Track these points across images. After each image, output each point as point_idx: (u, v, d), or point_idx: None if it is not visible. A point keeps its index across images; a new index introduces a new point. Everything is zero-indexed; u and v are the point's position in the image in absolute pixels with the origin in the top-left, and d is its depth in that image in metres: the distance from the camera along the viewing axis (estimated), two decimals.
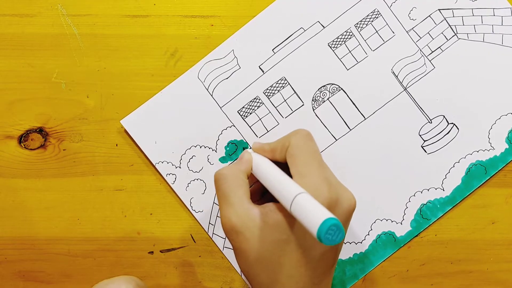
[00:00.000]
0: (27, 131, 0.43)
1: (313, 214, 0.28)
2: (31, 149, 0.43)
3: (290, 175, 0.34)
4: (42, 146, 0.43)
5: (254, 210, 0.33)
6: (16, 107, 0.43)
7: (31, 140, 0.43)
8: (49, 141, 0.43)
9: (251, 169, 0.37)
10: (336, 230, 0.27)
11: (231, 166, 0.36)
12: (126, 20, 0.43)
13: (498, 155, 0.42)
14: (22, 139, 0.43)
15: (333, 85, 0.42)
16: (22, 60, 0.43)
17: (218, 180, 0.35)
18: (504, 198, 0.43)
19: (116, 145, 0.43)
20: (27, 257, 0.43)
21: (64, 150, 0.43)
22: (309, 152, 0.35)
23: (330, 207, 0.32)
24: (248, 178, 0.36)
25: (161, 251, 0.43)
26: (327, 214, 0.28)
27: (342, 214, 0.33)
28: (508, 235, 0.43)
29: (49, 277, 0.43)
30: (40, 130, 0.43)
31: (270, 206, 0.33)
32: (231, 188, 0.34)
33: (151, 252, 0.43)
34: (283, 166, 0.36)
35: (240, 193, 0.34)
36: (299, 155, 0.34)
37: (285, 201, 0.31)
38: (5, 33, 0.43)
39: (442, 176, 0.42)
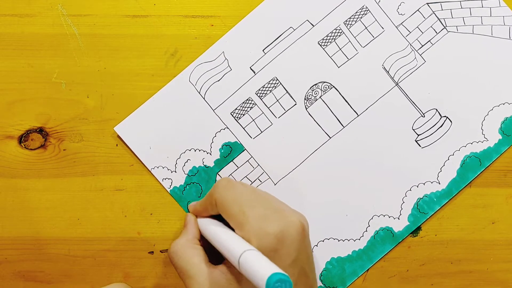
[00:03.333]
0: (27, 131, 0.43)
1: (257, 273, 0.29)
2: (31, 149, 0.43)
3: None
4: (42, 146, 0.43)
5: (214, 273, 0.34)
6: (16, 107, 0.43)
7: (31, 140, 0.43)
8: (49, 141, 0.43)
9: (199, 232, 0.38)
10: (282, 283, 0.28)
11: (180, 239, 0.38)
12: (126, 20, 0.43)
13: (492, 146, 0.42)
14: (22, 139, 0.43)
15: (325, 83, 0.42)
16: (22, 60, 0.43)
17: (172, 259, 0.37)
18: (504, 198, 0.43)
19: (116, 145, 0.43)
20: (27, 257, 0.43)
21: (64, 150, 0.43)
22: (235, 201, 0.35)
23: (280, 241, 0.33)
24: (200, 240, 0.38)
25: (161, 251, 0.43)
26: (269, 271, 0.28)
27: (293, 241, 0.34)
28: (508, 235, 0.43)
29: (49, 277, 0.43)
30: (40, 130, 0.43)
31: (221, 267, 0.35)
32: (186, 261, 0.36)
33: (151, 252, 0.43)
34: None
35: (196, 261, 0.36)
36: (228, 209, 0.35)
37: (233, 262, 0.32)
38: (5, 33, 0.43)
39: (437, 169, 0.42)
